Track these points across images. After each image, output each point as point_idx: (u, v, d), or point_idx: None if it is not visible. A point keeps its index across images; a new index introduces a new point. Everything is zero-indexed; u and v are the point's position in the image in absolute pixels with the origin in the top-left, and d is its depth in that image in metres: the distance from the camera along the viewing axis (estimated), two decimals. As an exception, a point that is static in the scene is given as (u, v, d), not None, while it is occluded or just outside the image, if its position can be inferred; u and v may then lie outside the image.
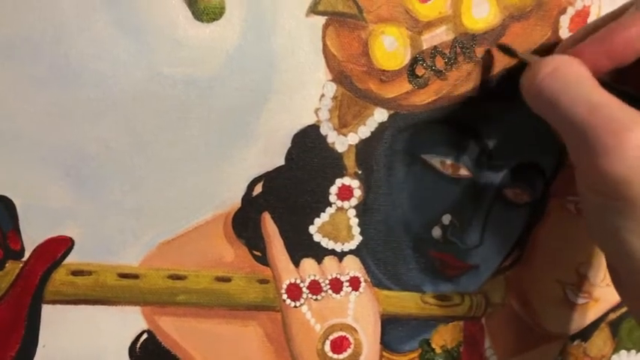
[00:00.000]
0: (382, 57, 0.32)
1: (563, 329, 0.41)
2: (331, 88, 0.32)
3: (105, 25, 0.29)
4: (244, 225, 0.33)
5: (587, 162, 0.25)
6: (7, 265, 0.31)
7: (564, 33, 0.35)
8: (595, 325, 0.42)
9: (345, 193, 0.34)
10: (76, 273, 0.32)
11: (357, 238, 0.35)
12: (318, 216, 0.34)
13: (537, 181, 0.37)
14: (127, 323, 0.33)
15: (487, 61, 0.34)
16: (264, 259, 0.34)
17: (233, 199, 0.33)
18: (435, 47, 0.33)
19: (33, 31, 0.28)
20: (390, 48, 0.32)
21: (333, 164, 0.33)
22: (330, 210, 0.34)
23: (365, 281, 0.36)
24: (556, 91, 0.27)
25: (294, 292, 0.34)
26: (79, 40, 0.29)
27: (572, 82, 0.27)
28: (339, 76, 0.32)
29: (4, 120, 0.29)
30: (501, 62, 0.34)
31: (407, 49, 0.32)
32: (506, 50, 0.33)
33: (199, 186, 0.32)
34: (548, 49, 0.34)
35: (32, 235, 0.31)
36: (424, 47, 0.33)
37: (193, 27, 0.29)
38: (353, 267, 0.35)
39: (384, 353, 0.37)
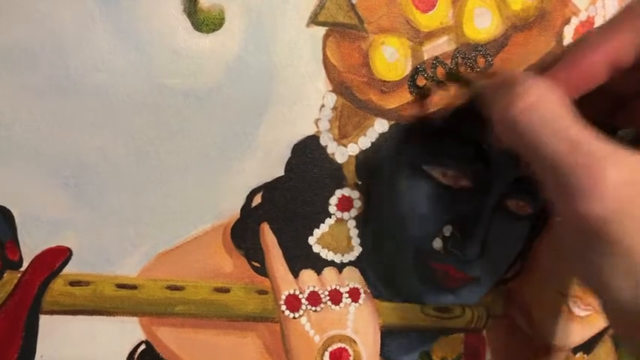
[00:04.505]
0: (383, 68, 0.32)
1: (565, 341, 0.41)
2: (331, 99, 0.32)
3: (104, 36, 0.29)
4: (243, 236, 0.33)
5: (565, 202, 0.24)
6: (5, 275, 0.31)
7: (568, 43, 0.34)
8: (598, 337, 0.41)
9: (345, 204, 0.34)
10: (74, 283, 0.32)
11: (357, 249, 0.35)
12: (318, 227, 0.34)
13: (540, 192, 0.37)
14: (124, 334, 0.33)
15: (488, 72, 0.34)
16: (263, 270, 0.34)
17: (232, 209, 0.33)
18: (437, 58, 0.32)
19: (32, 41, 0.28)
20: (391, 59, 0.32)
21: (333, 175, 0.33)
22: (329, 221, 0.34)
23: (365, 292, 0.35)
24: (535, 125, 0.25)
25: (293, 303, 0.34)
26: (78, 51, 0.29)
27: (553, 117, 0.25)
28: (340, 87, 0.32)
29: (3, 130, 0.29)
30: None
31: (408, 60, 0.32)
32: (456, 78, 0.32)
33: (198, 196, 0.32)
34: (489, 75, 0.33)
35: (31, 245, 0.31)
36: (425, 58, 0.32)
37: (193, 37, 0.29)
38: (353, 278, 0.35)
39: (384, 365, 0.37)
